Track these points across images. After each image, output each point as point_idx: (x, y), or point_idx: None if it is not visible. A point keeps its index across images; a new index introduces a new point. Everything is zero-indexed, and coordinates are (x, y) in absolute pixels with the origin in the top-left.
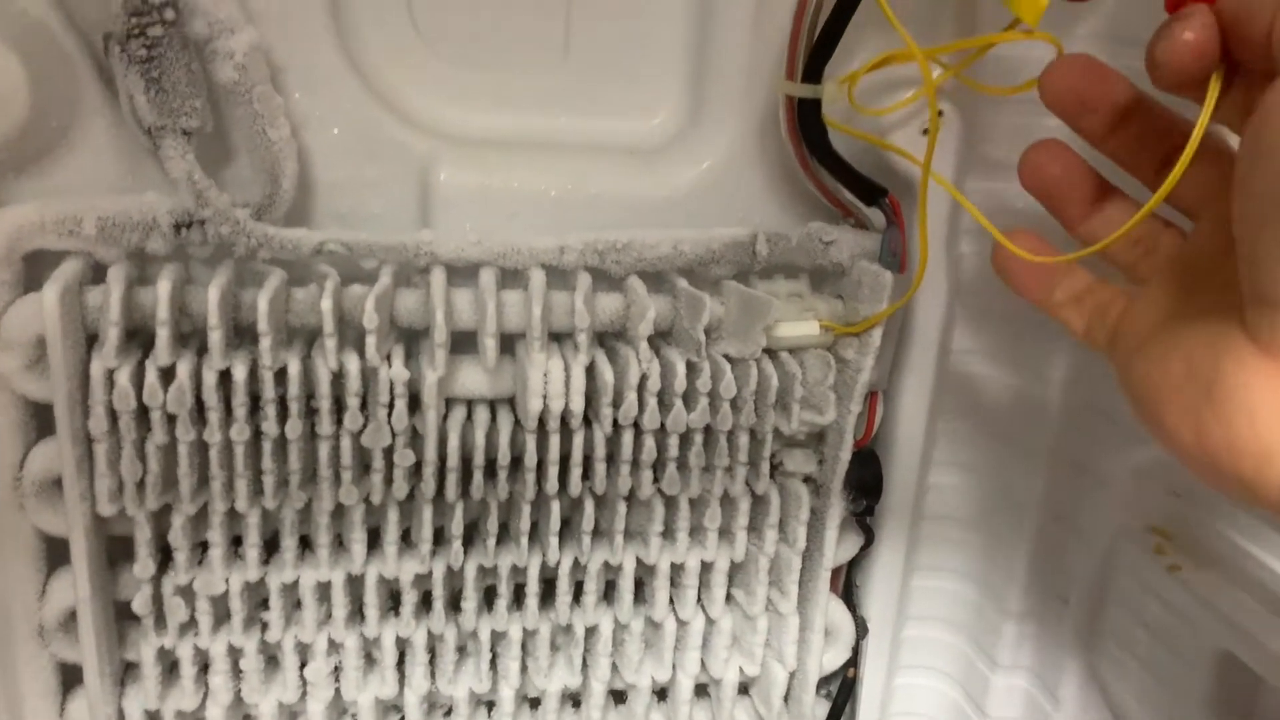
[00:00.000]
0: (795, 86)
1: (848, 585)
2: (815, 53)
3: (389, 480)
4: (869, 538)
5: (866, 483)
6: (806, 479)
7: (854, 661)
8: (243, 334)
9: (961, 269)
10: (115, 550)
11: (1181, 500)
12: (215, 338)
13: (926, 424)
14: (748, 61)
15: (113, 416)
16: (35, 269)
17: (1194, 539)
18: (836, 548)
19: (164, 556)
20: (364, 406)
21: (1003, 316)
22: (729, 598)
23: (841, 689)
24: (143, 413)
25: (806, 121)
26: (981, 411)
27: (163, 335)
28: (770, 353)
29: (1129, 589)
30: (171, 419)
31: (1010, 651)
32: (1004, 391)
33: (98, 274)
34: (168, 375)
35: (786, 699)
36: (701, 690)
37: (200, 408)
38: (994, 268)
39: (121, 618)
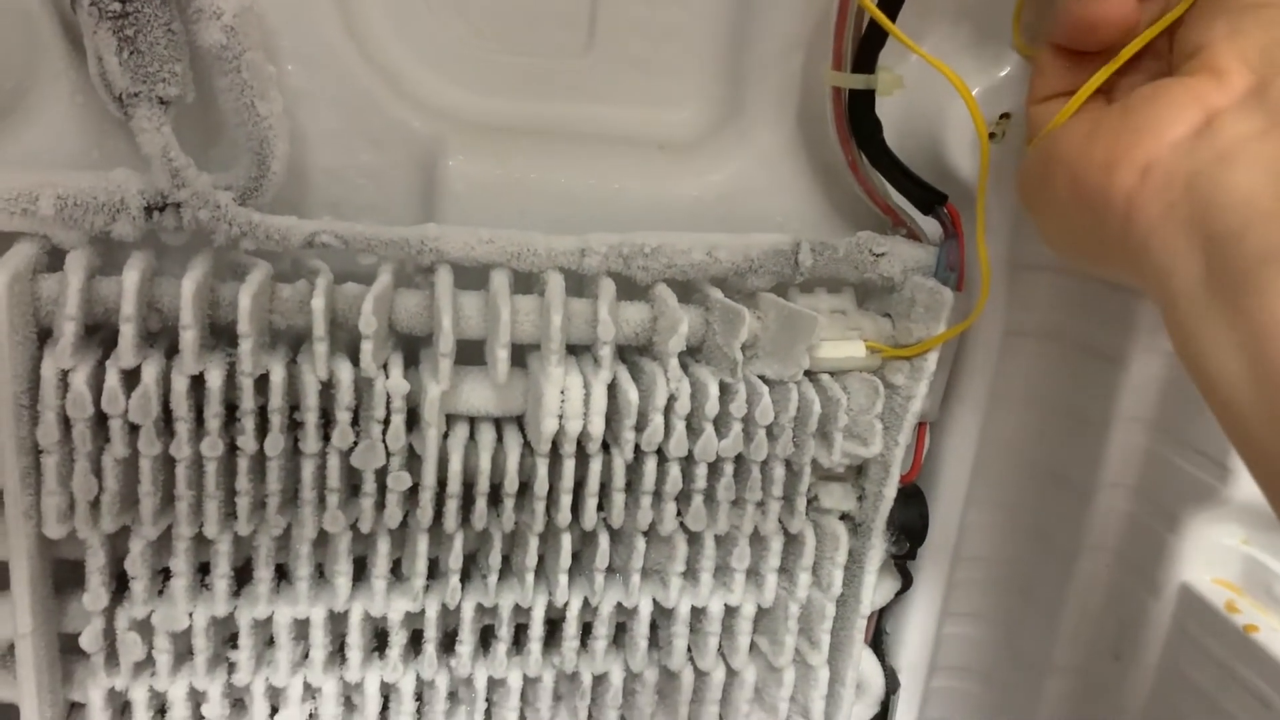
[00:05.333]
0: (844, 77)
1: (877, 633)
2: (867, 39)
3: (380, 506)
4: (906, 582)
5: (912, 524)
6: (844, 516)
7: (882, 718)
8: (219, 334)
9: (1023, 287)
10: (63, 577)
11: (1254, 551)
12: (188, 338)
13: (975, 459)
14: (791, 48)
15: (65, 424)
16: None
17: (1269, 594)
18: (874, 593)
19: (119, 586)
20: (355, 421)
21: (1064, 340)
22: (753, 647)
23: None
24: (100, 421)
25: (858, 116)
26: (1031, 445)
27: (127, 333)
28: (811, 375)
29: (1196, 650)
30: (134, 429)
31: (1050, 710)
32: (1060, 424)
33: (54, 260)
34: (131, 379)
35: None
36: None
37: (168, 417)
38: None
39: (67, 653)
